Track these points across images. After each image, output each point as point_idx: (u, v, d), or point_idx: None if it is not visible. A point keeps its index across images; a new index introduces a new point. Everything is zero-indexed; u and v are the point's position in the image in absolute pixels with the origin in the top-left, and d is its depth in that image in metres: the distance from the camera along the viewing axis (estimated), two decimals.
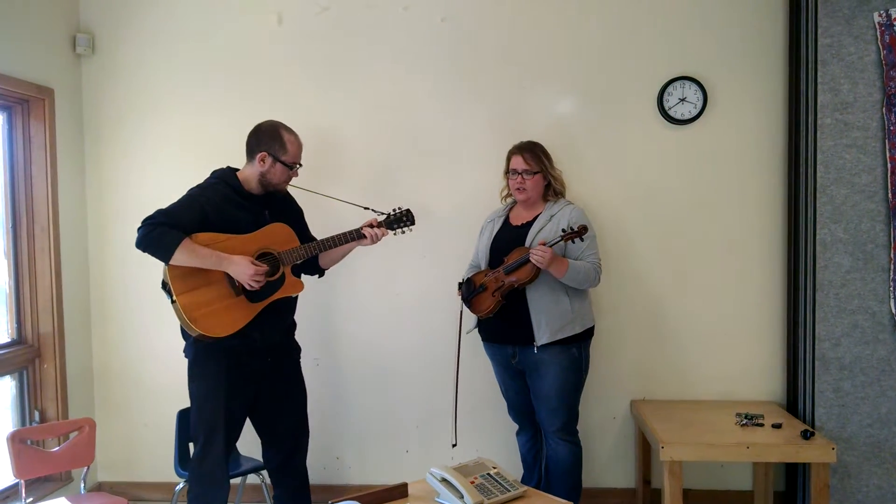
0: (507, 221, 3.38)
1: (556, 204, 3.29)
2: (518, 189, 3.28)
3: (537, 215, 3.28)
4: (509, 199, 3.47)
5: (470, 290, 3.29)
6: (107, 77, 3.99)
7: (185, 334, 2.99)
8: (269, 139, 3.01)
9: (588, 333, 3.29)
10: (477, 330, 3.41)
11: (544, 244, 3.03)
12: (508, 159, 3.34)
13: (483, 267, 3.35)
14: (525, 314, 3.17)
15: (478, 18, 3.83)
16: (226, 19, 3.93)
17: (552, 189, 3.32)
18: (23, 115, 3.70)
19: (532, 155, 3.27)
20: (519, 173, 3.26)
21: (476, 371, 3.74)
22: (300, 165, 3.11)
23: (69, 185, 3.89)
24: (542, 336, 3.14)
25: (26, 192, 3.72)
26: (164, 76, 3.96)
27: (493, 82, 3.84)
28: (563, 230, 3.08)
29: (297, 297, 3.17)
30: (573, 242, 3.11)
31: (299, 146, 3.09)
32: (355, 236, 3.14)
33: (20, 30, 3.60)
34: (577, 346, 3.22)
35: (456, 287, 3.36)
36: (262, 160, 3.00)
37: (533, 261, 3.01)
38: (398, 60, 3.87)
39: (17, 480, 3.11)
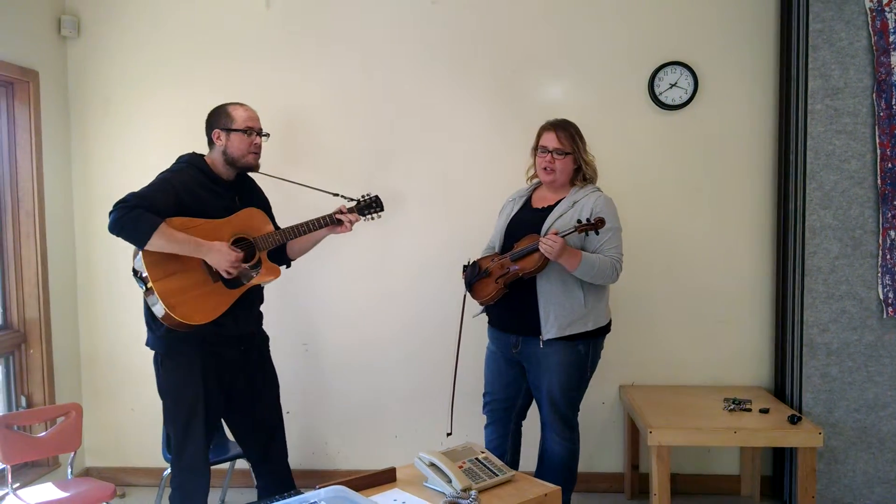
0: (528, 202, 3.18)
1: (582, 190, 3.05)
2: (545, 169, 3.04)
3: (560, 199, 3.06)
4: (534, 180, 3.22)
5: (473, 274, 3.12)
6: (92, 60, 3.95)
7: (151, 325, 2.90)
8: (214, 118, 2.97)
9: (601, 331, 3.08)
10: (485, 313, 3.26)
11: (556, 234, 2.83)
12: (539, 135, 3.10)
13: (497, 249, 3.16)
14: (534, 304, 2.98)
15: (468, 2, 3.80)
16: (213, 1, 3.88)
17: (582, 174, 3.08)
18: (7, 98, 3.66)
19: (566, 134, 3.03)
20: (549, 151, 3.02)
21: (467, 356, 3.71)
22: (266, 135, 3.02)
23: (55, 169, 3.85)
24: (549, 330, 2.95)
25: (11, 175, 3.68)
26: (150, 58, 3.92)
27: (483, 67, 3.81)
28: (578, 221, 2.86)
29: (263, 287, 3.10)
30: (588, 235, 2.88)
31: (246, 111, 2.97)
32: (328, 222, 3.06)
33: (4, 12, 3.55)
34: (584, 344, 3.01)
35: (461, 269, 3.24)
36: (218, 137, 2.93)
37: (541, 250, 2.82)
38: (387, 43, 3.84)
39: (4, 466, 3.10)
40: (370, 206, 3.18)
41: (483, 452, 2.61)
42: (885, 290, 3.38)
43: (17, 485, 3.27)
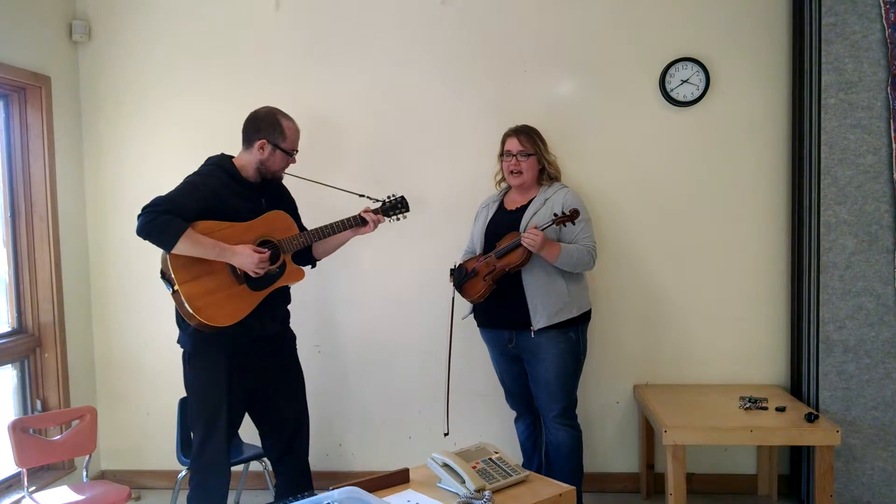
0: (501, 206, 3.37)
1: (551, 188, 3.27)
2: (512, 172, 3.26)
3: (531, 199, 3.26)
4: (503, 185, 3.44)
5: (461, 276, 3.28)
6: (104, 64, 3.96)
7: (181, 324, 2.94)
8: (268, 126, 2.97)
9: (585, 317, 3.27)
10: (473, 315, 3.39)
11: (536, 228, 3.02)
12: (503, 142, 3.33)
13: (478, 252, 3.33)
14: (521, 298, 3.16)
15: (478, 1, 3.78)
16: (223, 3, 3.89)
17: (546, 174, 3.30)
18: (20, 103, 3.68)
19: (527, 137, 3.25)
20: (514, 155, 3.24)
21: (476, 356, 3.72)
22: (297, 151, 3.09)
23: (67, 174, 3.87)
24: (538, 320, 3.13)
25: (24, 180, 3.70)
26: (162, 62, 3.93)
27: (493, 66, 3.80)
28: (555, 214, 3.08)
29: (290, 287, 3.14)
30: (565, 226, 3.10)
31: (297, 132, 3.06)
32: (353, 223, 3.11)
33: (16, 17, 3.57)
34: (574, 330, 3.20)
35: (448, 274, 3.36)
36: (262, 148, 2.96)
37: (524, 244, 3.01)
38: (397, 45, 3.84)
39: (20, 469, 3.12)
40: (395, 206, 3.23)
41: (497, 453, 2.60)
42: None
43: (33, 488, 3.29)
